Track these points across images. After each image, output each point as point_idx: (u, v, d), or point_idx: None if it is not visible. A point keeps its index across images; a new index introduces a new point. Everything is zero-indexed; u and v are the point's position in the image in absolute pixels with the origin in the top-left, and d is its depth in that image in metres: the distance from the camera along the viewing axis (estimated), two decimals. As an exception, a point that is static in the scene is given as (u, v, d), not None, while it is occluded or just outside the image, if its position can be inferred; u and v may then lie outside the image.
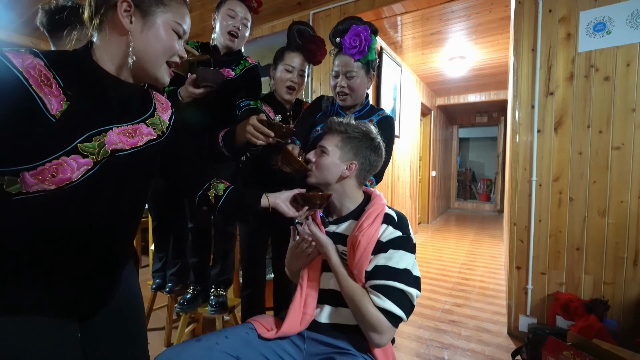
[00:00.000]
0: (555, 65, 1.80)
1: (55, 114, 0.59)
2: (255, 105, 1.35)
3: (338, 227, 0.95)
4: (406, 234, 0.88)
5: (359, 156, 0.93)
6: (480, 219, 6.12)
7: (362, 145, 0.93)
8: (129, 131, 0.69)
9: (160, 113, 0.78)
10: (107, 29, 0.66)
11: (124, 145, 0.67)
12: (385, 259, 0.84)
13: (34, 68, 0.58)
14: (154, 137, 0.74)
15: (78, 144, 0.62)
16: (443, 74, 4.42)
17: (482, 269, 3.18)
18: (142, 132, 0.71)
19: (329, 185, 0.96)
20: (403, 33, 3.17)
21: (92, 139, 0.63)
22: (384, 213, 0.90)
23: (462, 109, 6.59)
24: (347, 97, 1.24)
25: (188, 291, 1.56)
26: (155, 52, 0.67)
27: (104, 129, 0.65)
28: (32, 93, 0.58)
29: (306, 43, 1.39)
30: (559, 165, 1.81)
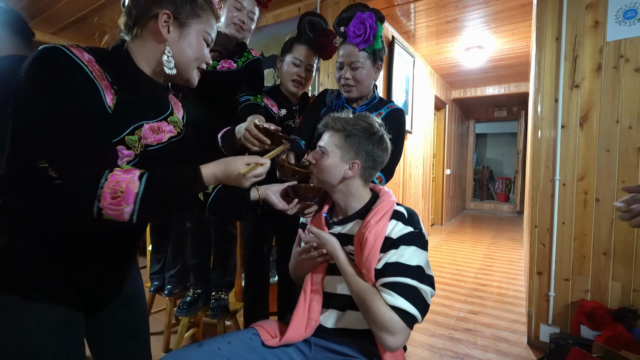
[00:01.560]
0: (581, 56, 1.78)
1: (111, 105, 0.67)
2: (255, 100, 1.35)
3: (344, 228, 0.95)
4: (417, 229, 0.87)
5: (361, 154, 0.92)
6: (498, 220, 6.08)
7: (364, 141, 0.92)
8: (154, 128, 0.75)
9: (176, 112, 0.86)
10: (144, 35, 0.74)
11: (152, 140, 0.74)
12: (396, 256, 0.83)
13: (91, 62, 0.66)
14: (175, 134, 0.81)
15: (125, 136, 0.69)
16: (459, 65, 4.39)
17: (500, 274, 3.17)
18: (165, 129, 0.78)
19: (332, 187, 0.96)
20: (416, 21, 3.15)
21: (134, 132, 0.71)
22: (393, 210, 0.90)
23: (480, 103, 6.55)
24: (353, 88, 1.23)
25: (188, 294, 1.57)
26: (188, 59, 0.76)
27: (140, 123, 0.73)
28: (96, 84, 0.65)
29: (317, 36, 1.39)
30: (584, 164, 1.79)
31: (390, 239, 0.86)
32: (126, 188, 0.62)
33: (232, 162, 0.76)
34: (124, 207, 0.63)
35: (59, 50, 0.63)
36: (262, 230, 1.45)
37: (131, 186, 0.63)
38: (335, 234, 0.95)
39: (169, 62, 0.73)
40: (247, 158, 0.79)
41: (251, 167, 0.78)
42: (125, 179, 0.63)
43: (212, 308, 1.54)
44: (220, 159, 0.77)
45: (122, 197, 0.62)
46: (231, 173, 0.76)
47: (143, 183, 0.64)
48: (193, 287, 1.60)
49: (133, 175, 0.64)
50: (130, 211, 0.63)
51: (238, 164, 0.76)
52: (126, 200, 0.62)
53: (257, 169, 0.79)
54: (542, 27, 1.88)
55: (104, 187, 0.61)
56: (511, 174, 7.91)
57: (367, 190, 0.98)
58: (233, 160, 0.76)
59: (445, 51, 3.89)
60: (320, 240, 0.92)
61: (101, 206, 0.62)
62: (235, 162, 0.76)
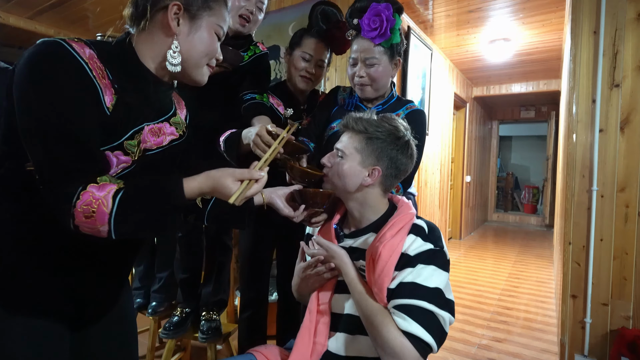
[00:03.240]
0: (622, 51, 1.78)
1: (109, 107, 0.69)
2: (261, 99, 1.36)
3: (355, 241, 0.95)
4: (438, 246, 0.87)
5: (383, 160, 0.92)
6: (525, 234, 6.07)
7: (387, 146, 0.92)
8: (155, 130, 0.77)
9: (179, 112, 0.87)
10: (152, 28, 0.75)
11: (151, 144, 0.76)
12: (413, 275, 0.83)
13: (92, 59, 0.68)
14: (176, 137, 0.83)
15: (124, 141, 0.71)
16: (482, 59, 4.39)
17: (528, 297, 3.15)
18: (166, 132, 0.80)
19: (347, 195, 0.96)
20: (435, 10, 3.16)
21: (134, 136, 0.73)
22: (412, 223, 0.90)
23: (504, 102, 6.54)
24: (368, 88, 1.24)
25: (175, 313, 1.56)
26: (199, 54, 0.77)
27: (141, 126, 0.74)
28: (95, 83, 0.67)
29: (331, 29, 1.39)
30: (626, 173, 1.79)
31: (406, 256, 0.85)
32: (98, 208, 0.63)
33: (221, 179, 0.74)
34: (99, 226, 0.64)
35: (58, 46, 0.64)
36: (262, 240, 1.45)
37: (103, 206, 0.64)
38: (345, 248, 0.95)
39: (174, 57, 0.74)
40: (240, 172, 0.76)
41: (243, 189, 0.75)
42: (97, 197, 0.64)
43: (202, 330, 1.52)
44: (209, 173, 0.75)
45: (95, 217, 0.64)
46: (220, 192, 0.75)
47: (116, 202, 0.65)
48: (181, 305, 1.61)
49: (107, 193, 0.65)
50: (106, 230, 0.65)
51: (228, 181, 0.74)
52: (100, 221, 0.64)
53: (252, 187, 0.77)
54: (578, 19, 1.89)
55: (76, 206, 0.63)
56: (539, 182, 7.88)
57: (385, 201, 0.98)
58: (223, 177, 0.74)
59: (467, 44, 3.90)
60: (327, 253, 0.92)
61: (76, 224, 0.64)
62: (225, 179, 0.74)
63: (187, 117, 0.91)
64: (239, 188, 0.74)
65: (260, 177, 0.78)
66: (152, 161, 0.76)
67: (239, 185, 0.75)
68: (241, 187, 0.75)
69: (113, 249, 0.79)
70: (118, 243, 0.72)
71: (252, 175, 0.76)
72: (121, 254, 0.83)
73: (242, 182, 0.75)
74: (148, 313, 1.72)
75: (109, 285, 0.83)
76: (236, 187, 0.74)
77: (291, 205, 1.00)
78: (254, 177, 0.77)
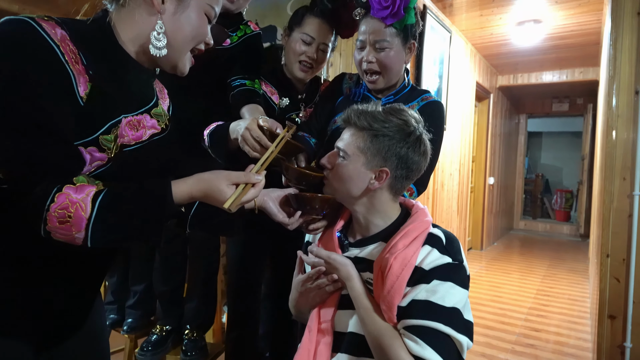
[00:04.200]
0: (670, 35, 1.82)
1: (83, 96, 0.67)
2: (252, 86, 1.36)
3: (362, 251, 0.95)
4: (457, 260, 0.87)
5: (391, 159, 0.91)
6: (556, 245, 6.12)
7: (396, 143, 0.91)
8: (134, 123, 0.76)
9: (161, 102, 0.86)
10: (133, 5, 0.74)
11: (130, 139, 0.75)
12: (427, 292, 0.83)
13: (65, 41, 0.66)
14: (158, 131, 0.82)
15: (100, 135, 0.70)
16: (508, 44, 4.39)
17: (559, 317, 3.16)
18: (146, 125, 0.79)
19: (352, 200, 0.96)
20: (455, -13, 3.22)
21: (110, 130, 0.72)
22: (428, 232, 0.90)
23: (534, 92, 6.48)
24: (378, 77, 1.24)
25: (154, 331, 1.57)
26: (185, 37, 0.77)
27: (118, 119, 0.73)
28: (68, 69, 0.65)
29: (338, 8, 1.38)
30: (673, 175, 1.82)
31: (421, 270, 0.85)
32: (75, 212, 0.63)
33: (215, 182, 0.75)
34: (75, 233, 0.64)
35: (25, 26, 0.63)
36: (254, 249, 1.45)
37: (81, 210, 0.64)
38: (350, 258, 0.94)
39: (158, 40, 0.73)
40: (235, 176, 0.77)
41: (239, 193, 0.75)
42: (75, 200, 0.64)
43: (185, 350, 1.53)
44: (201, 176, 0.76)
45: (72, 223, 0.63)
46: (212, 197, 0.75)
47: (96, 206, 0.65)
48: (160, 322, 1.61)
49: (86, 196, 0.65)
50: (82, 237, 0.65)
51: (222, 185, 0.75)
52: (76, 227, 0.64)
53: (248, 192, 0.77)
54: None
55: (50, 209, 0.63)
56: (573, 186, 7.90)
57: (396, 206, 0.98)
58: (216, 180, 0.75)
59: (492, 25, 3.90)
60: (330, 264, 0.92)
61: (48, 230, 0.64)
62: (219, 183, 0.75)
63: (170, 108, 0.90)
64: (234, 193, 0.75)
65: (258, 182, 0.78)
66: (131, 159, 0.76)
67: (234, 190, 0.75)
68: (236, 191, 0.75)
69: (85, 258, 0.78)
70: (91, 251, 0.71)
71: (248, 178, 0.77)
72: (94, 264, 0.82)
73: (238, 187, 0.76)
74: (123, 331, 1.71)
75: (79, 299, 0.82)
76: (231, 191, 0.75)
77: (286, 210, 1.00)
78: (251, 181, 0.77)
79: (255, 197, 0.80)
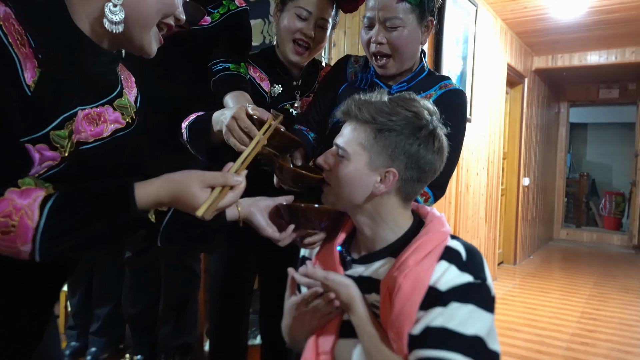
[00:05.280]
0: None
1: (30, 84, 0.66)
2: (237, 70, 1.35)
3: (367, 269, 0.94)
4: (480, 279, 0.85)
5: (399, 158, 0.90)
6: (604, 259, 6.00)
7: (404, 139, 0.90)
8: (93, 116, 0.76)
9: (127, 91, 0.85)
10: None
11: (88, 135, 0.74)
12: (444, 318, 0.82)
13: (8, 19, 0.65)
14: (122, 126, 0.81)
15: (50, 131, 0.69)
16: (546, 18, 4.28)
17: (607, 345, 3.08)
18: (108, 118, 0.79)
19: (354, 207, 0.95)
20: (482, -48, 3.15)
21: (64, 124, 0.71)
22: (445, 246, 0.88)
23: (577, 76, 6.28)
24: (389, 60, 1.23)
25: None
26: (148, 10, 0.74)
27: (74, 111, 0.72)
28: (12, 53, 0.64)
29: None
30: None
31: (436, 291, 0.83)
32: (20, 221, 0.62)
33: (186, 185, 0.72)
34: (20, 245, 0.63)
35: None
36: (239, 264, 1.44)
37: (27, 218, 0.62)
38: (353, 278, 0.93)
39: (113, 13, 0.71)
40: (211, 177, 0.73)
41: (214, 198, 0.72)
42: (20, 206, 0.62)
43: (160, 384, 1.57)
44: (170, 177, 0.73)
45: (16, 233, 0.62)
46: (183, 202, 0.72)
47: (45, 214, 0.63)
48: (131, 350, 1.64)
49: (33, 201, 0.63)
50: (29, 250, 0.63)
51: (195, 188, 0.72)
52: (21, 238, 0.62)
53: (226, 197, 0.74)
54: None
55: None
56: (625, 188, 7.72)
57: (407, 214, 0.97)
58: (188, 182, 0.72)
59: (525, -4, 3.80)
60: (328, 286, 0.90)
61: None
62: (190, 186, 0.72)
63: (137, 99, 0.89)
64: (209, 197, 0.72)
65: (237, 184, 0.76)
66: (89, 159, 0.74)
67: (209, 194, 0.73)
68: (212, 195, 0.73)
69: (34, 273, 0.76)
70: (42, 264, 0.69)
71: (226, 180, 0.74)
72: (45, 279, 0.80)
73: (214, 190, 0.74)
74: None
75: (26, 322, 0.80)
76: (205, 195, 0.72)
77: (276, 223, 0.98)
78: (229, 183, 0.74)
79: (234, 202, 0.77)
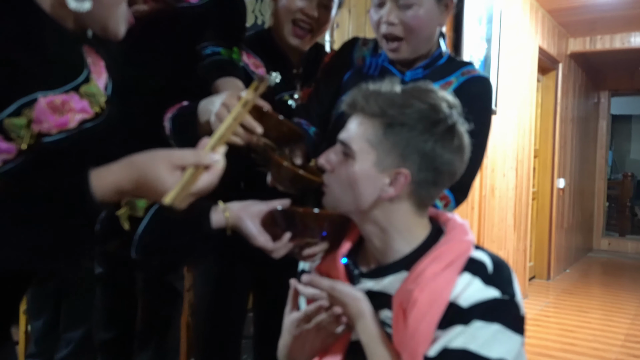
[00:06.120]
0: None
1: None
2: (229, 55, 1.35)
3: (378, 283, 0.94)
4: (508, 294, 0.86)
5: (411, 158, 0.90)
6: (653, 273, 5.80)
7: (418, 136, 0.90)
8: (57, 104, 0.76)
9: (95, 77, 0.85)
10: None
11: (50, 126, 0.75)
12: (465, 338, 0.82)
13: None
14: (90, 116, 0.82)
15: (5, 119, 0.69)
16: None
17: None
18: (74, 107, 0.79)
19: (360, 214, 0.95)
20: None
21: (21, 111, 0.71)
22: (468, 257, 0.88)
23: (619, 61, 6.08)
24: (402, 44, 1.22)
25: (94, 396, 1.55)
26: None
27: (33, 97, 0.72)
28: None
29: None
30: None
31: (456, 307, 0.84)
32: None
33: (150, 166, 0.69)
34: None
35: None
36: (230, 283, 1.43)
37: None
38: None
39: None
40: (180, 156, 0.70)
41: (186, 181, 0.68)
42: None
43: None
44: (132, 159, 0.71)
45: None
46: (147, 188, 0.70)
47: None
48: None
49: None
50: None
51: (160, 169, 0.68)
52: None
53: (200, 179, 0.70)
54: None
55: None
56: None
57: (424, 222, 0.96)
58: (152, 163, 0.69)
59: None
60: (335, 297, 0.90)
61: None
62: (156, 167, 0.69)
63: (108, 86, 0.88)
64: (181, 181, 0.69)
65: (213, 162, 0.72)
66: (52, 153, 0.75)
67: (179, 177, 0.69)
68: (183, 178, 0.69)
69: None
70: None
71: (199, 158, 0.71)
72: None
73: (186, 171, 0.70)
74: (52, 394, 1.67)
75: None
76: (175, 179, 0.69)
77: (270, 231, 0.98)
78: (203, 162, 0.71)
79: (211, 185, 0.73)
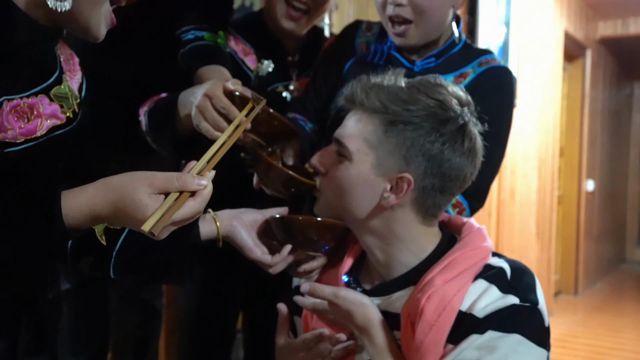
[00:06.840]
0: None
1: None
2: (214, 40, 1.34)
3: (384, 301, 0.97)
4: (529, 302, 0.86)
5: (416, 161, 0.92)
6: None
7: (424, 136, 0.92)
8: (23, 109, 0.79)
9: (69, 76, 0.86)
10: None
11: (15, 134, 0.77)
12: (481, 350, 0.82)
13: None
14: (62, 122, 0.83)
15: None
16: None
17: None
18: (43, 112, 0.81)
19: (359, 224, 0.97)
20: None
21: None
22: (485, 264, 0.90)
23: None
24: (410, 27, 1.23)
25: None
26: None
27: None
28: None
29: None
30: None
31: (470, 318, 0.84)
32: None
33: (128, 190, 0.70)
34: None
35: None
36: (218, 300, 1.45)
37: None
38: None
39: None
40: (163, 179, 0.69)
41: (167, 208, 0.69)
42: None
43: None
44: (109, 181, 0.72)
45: None
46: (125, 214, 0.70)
47: None
48: None
49: None
50: None
51: (141, 193, 0.68)
52: None
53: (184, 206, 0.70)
54: None
55: None
56: None
57: (432, 231, 0.98)
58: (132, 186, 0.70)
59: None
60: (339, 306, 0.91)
61: None
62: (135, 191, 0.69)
63: (82, 86, 0.90)
64: (160, 206, 0.69)
65: (199, 188, 0.72)
66: (17, 164, 0.77)
67: (160, 202, 0.70)
68: (164, 204, 0.70)
69: None
70: None
71: (184, 183, 0.71)
72: None
73: (167, 197, 0.70)
74: None
75: None
76: (156, 204, 0.69)
77: (266, 243, 0.99)
78: (188, 188, 0.71)
79: (196, 213, 0.73)
